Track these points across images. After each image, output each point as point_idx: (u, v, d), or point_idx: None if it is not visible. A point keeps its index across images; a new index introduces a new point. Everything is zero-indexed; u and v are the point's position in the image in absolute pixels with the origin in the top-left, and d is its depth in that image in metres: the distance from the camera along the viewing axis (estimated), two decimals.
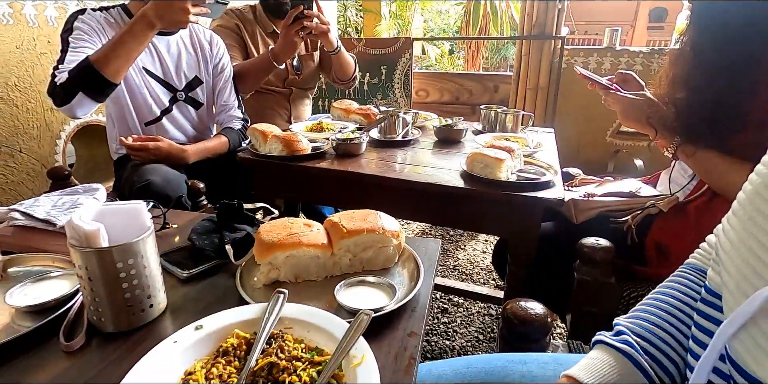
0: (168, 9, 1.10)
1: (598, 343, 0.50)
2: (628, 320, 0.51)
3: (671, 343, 0.47)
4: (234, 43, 1.73)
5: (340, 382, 0.41)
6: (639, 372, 0.46)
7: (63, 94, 1.12)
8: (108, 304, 0.48)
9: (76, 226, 0.45)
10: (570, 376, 0.47)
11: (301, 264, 0.60)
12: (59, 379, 0.44)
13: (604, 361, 0.48)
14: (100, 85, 1.12)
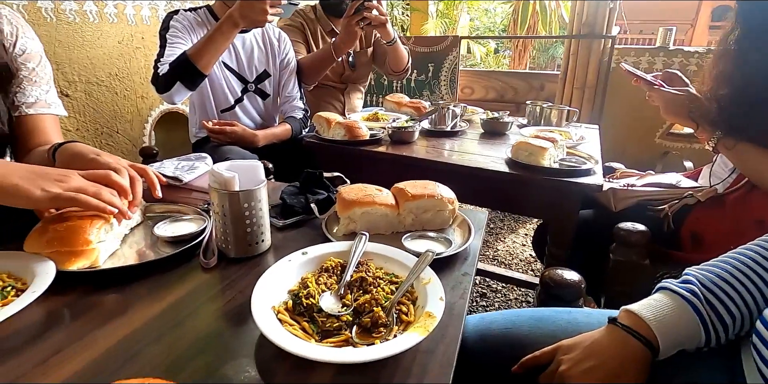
0: (251, 10, 1.27)
1: (663, 288, 0.54)
2: (699, 270, 0.55)
3: (735, 297, 0.51)
4: (299, 39, 1.91)
5: (412, 297, 0.53)
6: (697, 318, 0.50)
7: (164, 83, 1.32)
8: (233, 235, 0.63)
9: (218, 173, 0.61)
10: (630, 310, 0.53)
11: (373, 220, 0.74)
12: (200, 287, 0.59)
13: (665, 303, 0.52)
14: (193, 75, 1.31)
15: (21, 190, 0.54)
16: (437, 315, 0.48)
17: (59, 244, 0.56)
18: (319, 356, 0.42)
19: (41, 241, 0.56)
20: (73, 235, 0.56)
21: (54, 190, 0.56)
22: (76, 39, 1.65)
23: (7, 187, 0.54)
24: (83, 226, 0.57)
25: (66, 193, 0.56)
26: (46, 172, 0.58)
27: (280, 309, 0.50)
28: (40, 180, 0.56)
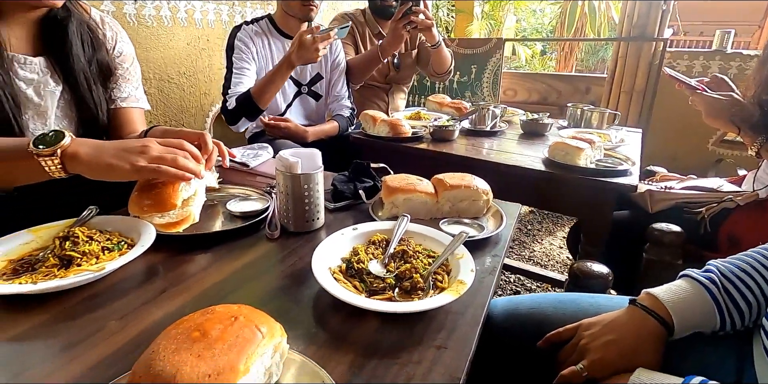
0: (305, 52, 1.38)
1: (685, 275, 0.59)
2: (721, 262, 0.59)
3: (752, 286, 0.54)
4: (349, 42, 2.02)
5: (446, 268, 0.62)
6: (713, 303, 0.54)
7: (232, 118, 1.50)
8: (294, 212, 0.74)
9: (284, 159, 0.72)
10: (649, 292, 0.59)
11: (414, 206, 0.82)
12: (266, 253, 0.70)
13: (684, 288, 0.56)
14: (255, 112, 1.47)
15: (114, 168, 0.62)
16: (468, 282, 0.56)
17: (151, 209, 0.67)
18: (367, 305, 0.51)
19: (139, 206, 0.67)
20: (162, 200, 0.65)
21: (140, 163, 0.63)
22: (152, 41, 1.84)
23: (103, 166, 0.63)
24: (168, 191, 0.64)
25: (149, 165, 0.63)
26: (131, 145, 0.65)
27: (335, 271, 0.59)
28: (127, 155, 0.63)
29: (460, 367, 0.46)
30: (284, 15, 1.59)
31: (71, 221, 0.68)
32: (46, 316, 0.52)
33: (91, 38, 1.00)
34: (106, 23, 1.06)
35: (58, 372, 0.44)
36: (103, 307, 0.54)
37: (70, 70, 0.97)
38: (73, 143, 0.62)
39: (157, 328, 0.51)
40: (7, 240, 0.63)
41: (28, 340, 0.48)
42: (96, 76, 1.02)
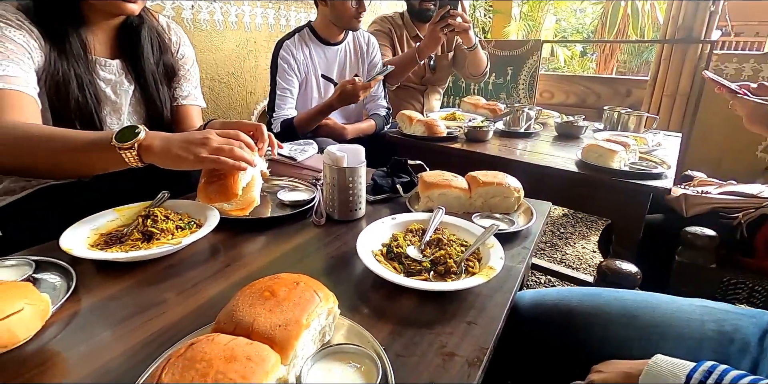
0: (346, 97, 1.49)
1: None
2: None
3: None
4: (386, 43, 2.09)
5: (477, 256, 0.67)
6: None
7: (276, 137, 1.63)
8: (338, 201, 0.82)
9: (332, 153, 0.79)
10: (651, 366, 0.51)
11: (448, 200, 0.88)
12: (313, 238, 0.78)
13: None
14: (296, 137, 1.57)
15: (181, 158, 0.69)
16: (497, 268, 0.61)
17: (216, 198, 0.75)
18: (406, 283, 0.58)
19: (207, 195, 0.75)
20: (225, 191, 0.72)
21: (202, 154, 0.69)
22: (206, 43, 1.98)
23: (172, 157, 0.70)
24: (230, 182, 0.70)
25: (210, 156, 0.69)
26: (193, 138, 0.71)
27: (377, 253, 0.66)
28: (191, 146, 0.70)
29: (487, 340, 0.52)
30: (327, 23, 1.67)
31: (147, 203, 0.78)
32: (132, 281, 0.62)
33: (159, 42, 1.12)
34: (171, 28, 1.17)
35: (150, 322, 0.53)
36: (179, 276, 0.64)
37: (141, 71, 1.09)
38: (147, 137, 0.70)
39: (225, 293, 0.59)
40: (96, 217, 0.74)
41: (117, 300, 0.58)
42: (162, 76, 1.14)
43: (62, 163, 0.74)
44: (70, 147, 0.73)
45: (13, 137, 0.72)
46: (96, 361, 0.46)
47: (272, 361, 0.38)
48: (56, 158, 0.74)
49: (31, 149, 0.73)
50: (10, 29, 0.84)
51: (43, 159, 0.74)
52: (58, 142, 0.73)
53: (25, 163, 0.75)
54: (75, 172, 0.82)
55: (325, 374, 0.43)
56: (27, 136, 0.74)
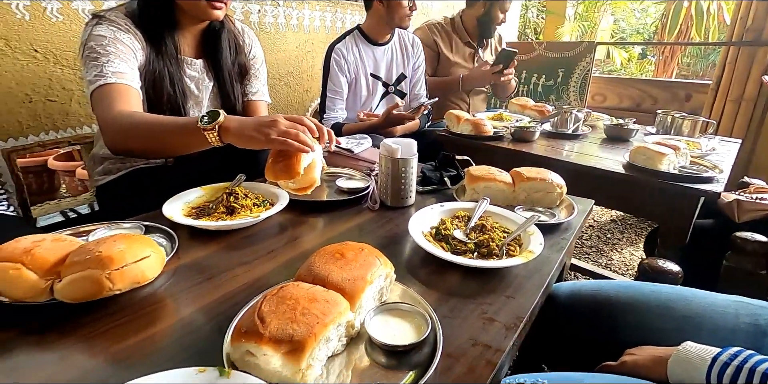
0: (391, 123, 1.63)
1: None
2: None
3: None
4: (426, 55, 2.15)
5: (518, 242, 0.73)
6: None
7: None
8: (391, 189, 0.90)
9: (387, 145, 0.88)
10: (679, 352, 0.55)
11: (493, 193, 0.94)
12: (368, 221, 0.87)
13: None
14: None
15: (254, 138, 0.80)
16: (536, 252, 0.67)
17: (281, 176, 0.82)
18: (452, 259, 0.65)
19: (273, 173, 0.82)
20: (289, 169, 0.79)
21: (271, 136, 0.78)
22: (269, 44, 2.14)
23: (246, 137, 0.81)
24: (293, 162, 0.79)
25: (278, 138, 0.78)
26: (264, 121, 0.81)
27: (426, 234, 0.74)
28: (262, 128, 0.80)
29: (524, 310, 0.58)
30: (378, 24, 1.77)
31: (227, 184, 0.91)
32: (219, 246, 0.74)
33: (235, 44, 1.25)
34: (245, 32, 1.31)
35: (238, 277, 0.64)
36: (257, 244, 0.75)
37: (220, 70, 1.23)
38: (226, 120, 0.81)
39: (296, 259, 0.70)
40: (187, 193, 0.87)
41: (209, 259, 0.69)
42: (236, 74, 1.28)
43: (160, 143, 0.88)
44: (166, 130, 0.86)
45: (129, 123, 0.86)
46: (199, 302, 0.58)
47: (344, 305, 0.47)
48: (156, 140, 0.87)
49: (138, 132, 0.87)
50: (120, 33, 1.00)
51: (147, 140, 0.88)
52: (157, 126, 0.87)
53: (134, 144, 0.89)
54: (170, 151, 0.95)
55: (383, 325, 0.52)
56: (136, 122, 0.88)
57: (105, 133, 0.91)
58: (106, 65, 0.95)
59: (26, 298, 0.52)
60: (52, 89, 1.41)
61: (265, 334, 0.42)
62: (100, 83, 0.93)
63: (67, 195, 2.49)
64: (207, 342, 0.50)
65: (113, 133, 0.88)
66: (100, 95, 0.93)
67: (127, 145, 0.89)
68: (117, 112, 0.90)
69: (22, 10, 1.31)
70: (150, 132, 0.86)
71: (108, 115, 0.90)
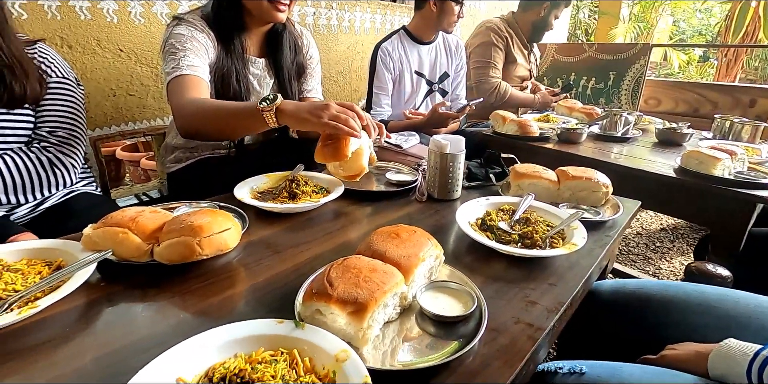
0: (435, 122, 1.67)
1: None
2: None
3: None
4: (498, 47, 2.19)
5: (562, 236, 0.76)
6: None
7: None
8: (439, 182, 0.95)
9: (437, 140, 0.93)
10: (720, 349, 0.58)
11: (537, 190, 0.97)
12: (416, 211, 0.93)
13: None
14: None
15: (307, 120, 0.86)
16: (579, 244, 0.70)
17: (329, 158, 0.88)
18: (498, 247, 0.69)
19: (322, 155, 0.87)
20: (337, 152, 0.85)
21: (323, 119, 0.84)
22: (322, 45, 2.24)
23: (300, 119, 0.87)
24: (342, 145, 0.85)
25: (330, 121, 0.84)
26: (318, 105, 0.85)
27: (472, 224, 0.79)
28: (315, 111, 0.86)
29: (565, 296, 0.62)
30: (425, 24, 1.82)
31: (288, 173, 0.99)
32: (283, 226, 0.82)
33: (294, 45, 1.35)
34: (303, 34, 1.40)
35: (301, 253, 0.71)
36: (316, 227, 0.82)
37: (280, 69, 1.33)
38: (283, 103, 0.88)
39: (353, 241, 0.77)
40: (253, 180, 0.96)
41: (275, 238, 0.78)
42: (295, 73, 1.37)
43: (224, 125, 0.97)
44: (229, 113, 0.95)
45: (197, 107, 0.96)
46: (269, 272, 0.66)
47: (400, 277, 0.53)
48: (221, 121, 0.96)
49: (206, 115, 0.97)
50: (196, 32, 1.11)
51: (213, 122, 0.97)
52: (222, 109, 0.96)
53: (202, 126, 0.99)
54: (233, 133, 1.03)
55: (432, 299, 0.57)
56: (204, 106, 0.98)
57: (177, 118, 1.01)
58: (183, 59, 1.06)
59: (131, 258, 0.62)
60: (132, 85, 1.57)
61: (333, 295, 0.48)
62: (176, 74, 1.04)
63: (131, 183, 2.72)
64: (278, 303, 0.57)
65: (184, 117, 0.99)
66: (175, 84, 1.04)
67: (196, 128, 0.98)
68: (188, 99, 1.00)
69: (111, 14, 1.47)
70: (215, 115, 0.95)
71: (180, 101, 1.01)
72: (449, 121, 1.63)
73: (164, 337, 0.50)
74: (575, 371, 0.66)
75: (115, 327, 0.53)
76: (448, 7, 1.71)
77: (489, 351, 0.51)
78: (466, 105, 1.61)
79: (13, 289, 0.53)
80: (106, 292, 0.59)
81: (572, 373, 0.65)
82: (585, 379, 0.64)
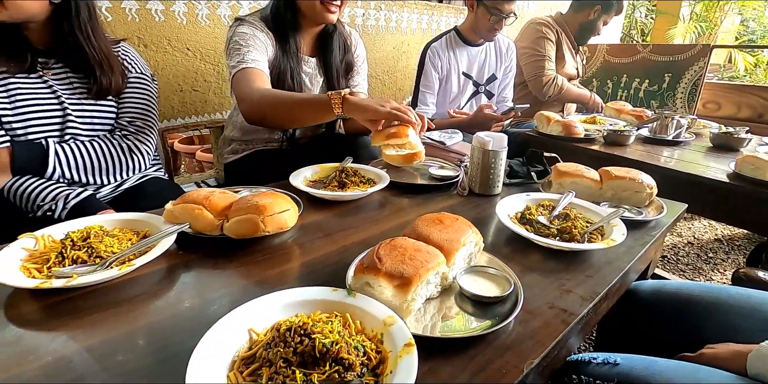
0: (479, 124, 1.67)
1: None
2: None
3: None
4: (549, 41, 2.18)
5: (601, 232, 0.78)
6: None
7: None
8: (480, 178, 0.99)
9: (480, 137, 0.97)
10: None
11: (579, 189, 0.98)
12: (458, 204, 0.97)
13: None
14: None
15: (369, 108, 0.96)
16: (618, 240, 0.72)
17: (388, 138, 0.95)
18: (536, 238, 0.73)
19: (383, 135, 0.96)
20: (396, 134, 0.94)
21: (386, 108, 0.96)
22: (369, 45, 2.32)
23: (363, 107, 0.97)
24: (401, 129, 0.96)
25: (391, 111, 0.95)
26: (378, 99, 1.01)
27: (512, 217, 0.82)
28: (379, 101, 0.98)
29: (601, 287, 0.64)
30: (470, 28, 1.85)
31: (338, 164, 1.06)
32: (333, 212, 0.89)
33: (344, 45, 1.42)
34: (352, 34, 1.47)
35: (350, 236, 0.78)
36: (363, 214, 0.89)
37: (330, 67, 1.40)
38: (347, 93, 0.98)
39: (396, 227, 0.82)
40: (306, 169, 1.04)
41: (326, 222, 0.84)
42: (343, 71, 1.45)
43: (290, 112, 1.06)
44: (296, 101, 1.05)
45: (263, 95, 1.06)
46: (321, 250, 0.72)
47: (442, 258, 0.58)
48: (287, 109, 1.06)
49: (276, 102, 1.06)
50: (257, 31, 1.21)
51: (279, 109, 1.06)
52: (289, 98, 1.06)
53: (267, 113, 1.08)
54: (296, 120, 1.13)
55: (472, 282, 0.61)
56: (271, 93, 1.08)
57: (243, 104, 1.10)
58: (247, 54, 1.16)
59: (205, 231, 0.71)
60: (196, 81, 1.70)
61: (382, 269, 0.54)
62: (241, 67, 1.14)
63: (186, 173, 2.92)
64: (329, 278, 0.63)
65: (250, 104, 1.08)
66: (240, 76, 1.14)
67: (263, 114, 1.08)
68: (255, 88, 1.10)
69: (181, 16, 1.60)
70: (284, 103, 1.05)
71: (246, 90, 1.10)
72: (492, 123, 1.64)
73: (234, 297, 0.58)
74: (609, 362, 0.68)
75: (193, 287, 0.61)
76: (482, 14, 1.73)
77: (523, 330, 0.54)
78: (511, 109, 1.62)
79: (111, 251, 0.63)
80: (184, 259, 0.68)
81: (606, 363, 0.68)
82: (618, 369, 0.66)
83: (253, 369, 0.43)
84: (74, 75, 1.08)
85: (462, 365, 0.48)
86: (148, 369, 0.46)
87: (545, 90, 2.09)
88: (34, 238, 0.64)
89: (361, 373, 0.43)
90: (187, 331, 0.51)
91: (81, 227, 0.67)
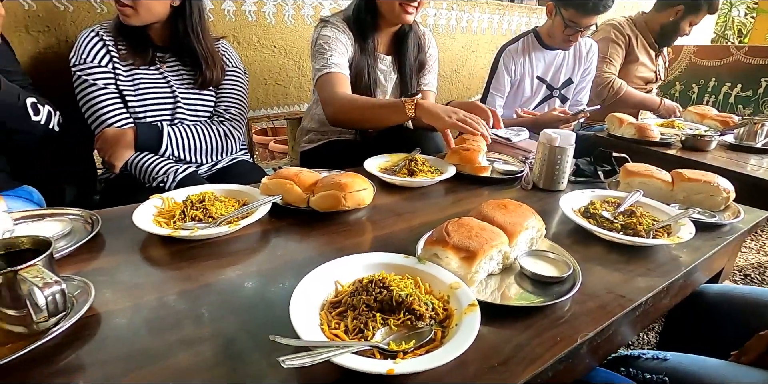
0: (547, 123, 1.65)
1: None
2: None
3: None
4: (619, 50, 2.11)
5: (668, 230, 0.78)
6: None
7: None
8: (545, 173, 1.02)
9: (547, 134, 1.00)
10: None
11: (648, 190, 0.97)
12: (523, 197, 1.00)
13: None
14: None
15: (438, 116, 1.09)
16: (684, 238, 0.72)
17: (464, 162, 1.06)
18: (598, 231, 0.75)
19: (454, 157, 1.07)
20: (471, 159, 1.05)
21: (452, 118, 1.08)
22: (439, 44, 2.36)
23: (432, 114, 1.10)
24: (474, 154, 1.05)
25: (457, 122, 1.07)
26: (449, 108, 1.12)
27: (575, 211, 0.85)
28: (447, 111, 1.10)
29: (662, 281, 0.66)
30: (551, 27, 1.82)
31: (408, 154, 1.14)
32: (403, 196, 0.97)
33: (418, 44, 1.49)
34: (425, 34, 1.54)
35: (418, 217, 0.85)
36: (431, 199, 0.96)
37: (403, 65, 1.48)
38: (419, 100, 1.10)
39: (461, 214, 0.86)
40: (379, 157, 1.13)
41: (399, 203, 0.92)
42: (416, 69, 1.52)
43: (369, 115, 1.20)
44: (374, 106, 1.19)
45: (349, 100, 1.19)
46: (391, 228, 0.81)
47: (505, 238, 0.63)
48: (367, 112, 1.19)
49: (358, 107, 1.19)
50: (339, 33, 1.31)
51: (360, 112, 1.20)
52: (369, 103, 1.19)
53: (351, 115, 1.22)
54: (373, 122, 1.27)
55: (532, 263, 0.66)
56: (354, 99, 1.20)
57: (328, 107, 1.23)
58: (330, 58, 1.27)
59: (294, 203, 0.81)
60: (279, 75, 1.86)
61: (450, 242, 0.60)
62: (325, 71, 1.26)
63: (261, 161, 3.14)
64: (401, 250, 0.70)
65: (335, 107, 1.21)
66: (325, 80, 1.26)
67: (347, 117, 1.23)
68: (339, 93, 1.22)
69: (271, 16, 1.77)
70: (364, 107, 1.18)
71: (331, 94, 1.22)
72: (560, 124, 1.63)
73: (320, 258, 0.67)
74: (658, 357, 0.69)
75: (285, 248, 0.72)
76: (558, 24, 1.71)
77: (579, 309, 0.58)
78: (581, 110, 1.60)
79: (220, 213, 0.75)
80: (275, 226, 0.79)
81: (655, 358, 0.69)
82: (667, 364, 0.67)
83: (340, 311, 0.52)
84: (184, 68, 1.25)
85: (520, 330, 0.53)
86: (253, 302, 0.57)
87: (599, 91, 2.03)
88: (161, 198, 0.78)
89: (429, 323, 0.50)
90: (283, 279, 0.61)
91: (198, 192, 0.80)
